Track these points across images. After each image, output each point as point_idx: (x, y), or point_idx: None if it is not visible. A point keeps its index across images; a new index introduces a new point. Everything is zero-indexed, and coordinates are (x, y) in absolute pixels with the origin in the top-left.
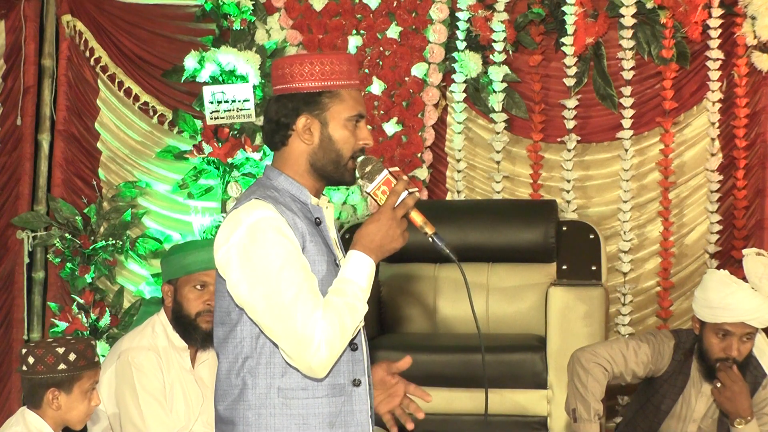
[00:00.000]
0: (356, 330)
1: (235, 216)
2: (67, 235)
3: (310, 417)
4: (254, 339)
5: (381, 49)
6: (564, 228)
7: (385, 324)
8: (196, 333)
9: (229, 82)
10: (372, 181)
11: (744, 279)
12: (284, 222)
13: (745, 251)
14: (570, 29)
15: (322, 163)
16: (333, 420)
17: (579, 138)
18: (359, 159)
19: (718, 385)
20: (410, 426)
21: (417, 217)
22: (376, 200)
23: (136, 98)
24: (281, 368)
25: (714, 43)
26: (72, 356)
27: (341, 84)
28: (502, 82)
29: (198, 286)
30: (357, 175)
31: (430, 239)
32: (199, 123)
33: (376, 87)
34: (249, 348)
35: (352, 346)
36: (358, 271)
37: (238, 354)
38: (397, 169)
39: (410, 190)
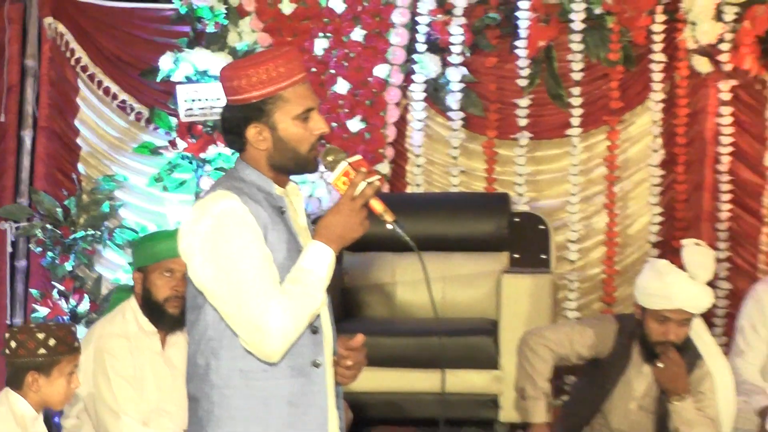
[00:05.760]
0: (313, 316)
1: (201, 206)
2: (48, 225)
3: (270, 398)
4: (218, 322)
5: (346, 51)
6: (516, 219)
7: (347, 309)
8: (164, 317)
9: (203, 82)
10: (333, 171)
11: (682, 268)
12: (248, 212)
13: (683, 241)
14: (524, 33)
15: (282, 162)
16: (293, 400)
17: (531, 135)
18: (324, 149)
19: (660, 365)
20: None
21: (377, 206)
22: (337, 190)
23: (115, 96)
24: (243, 350)
25: (657, 47)
26: (52, 342)
27: (282, 86)
28: (459, 82)
29: (166, 273)
30: (322, 163)
31: (390, 227)
32: (174, 120)
33: (342, 86)
34: (213, 331)
35: (313, 329)
36: (317, 260)
37: (202, 336)
38: (359, 158)
39: (369, 180)
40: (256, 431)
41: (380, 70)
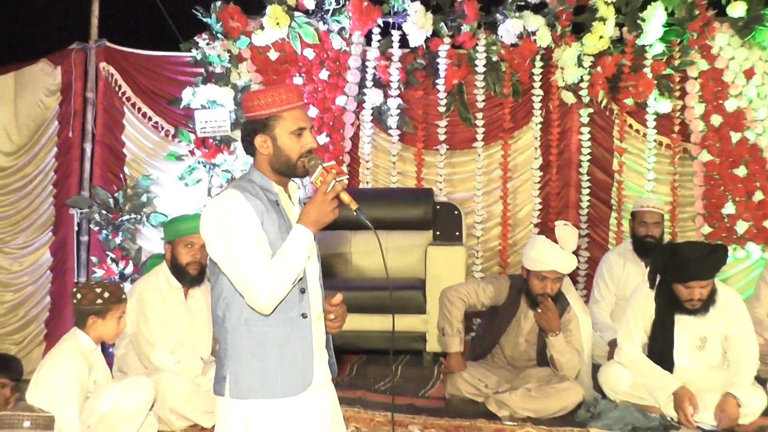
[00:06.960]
0: (296, 280)
1: (214, 200)
2: (103, 211)
3: (266, 340)
4: (229, 285)
5: (315, 86)
6: (438, 207)
7: None
8: (186, 276)
9: (213, 108)
10: (313, 173)
11: (555, 241)
12: (248, 205)
13: (556, 223)
14: (442, 74)
15: (278, 166)
16: (284, 342)
17: (448, 147)
18: (307, 157)
19: (539, 311)
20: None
21: (345, 197)
22: (317, 186)
23: (150, 119)
24: (247, 305)
25: (537, 84)
26: (106, 294)
27: (282, 109)
28: (396, 108)
29: (188, 245)
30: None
31: (355, 213)
32: (192, 136)
33: (312, 112)
34: (226, 291)
35: (301, 289)
36: (297, 240)
37: (219, 295)
38: (332, 162)
39: (338, 179)
40: (256, 365)
41: (340, 100)
